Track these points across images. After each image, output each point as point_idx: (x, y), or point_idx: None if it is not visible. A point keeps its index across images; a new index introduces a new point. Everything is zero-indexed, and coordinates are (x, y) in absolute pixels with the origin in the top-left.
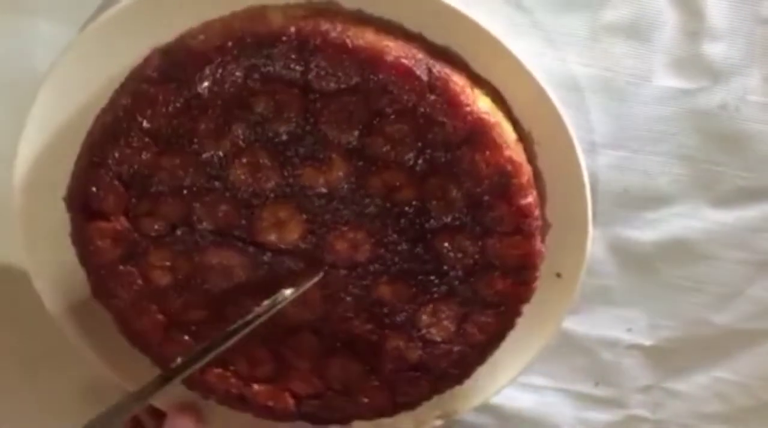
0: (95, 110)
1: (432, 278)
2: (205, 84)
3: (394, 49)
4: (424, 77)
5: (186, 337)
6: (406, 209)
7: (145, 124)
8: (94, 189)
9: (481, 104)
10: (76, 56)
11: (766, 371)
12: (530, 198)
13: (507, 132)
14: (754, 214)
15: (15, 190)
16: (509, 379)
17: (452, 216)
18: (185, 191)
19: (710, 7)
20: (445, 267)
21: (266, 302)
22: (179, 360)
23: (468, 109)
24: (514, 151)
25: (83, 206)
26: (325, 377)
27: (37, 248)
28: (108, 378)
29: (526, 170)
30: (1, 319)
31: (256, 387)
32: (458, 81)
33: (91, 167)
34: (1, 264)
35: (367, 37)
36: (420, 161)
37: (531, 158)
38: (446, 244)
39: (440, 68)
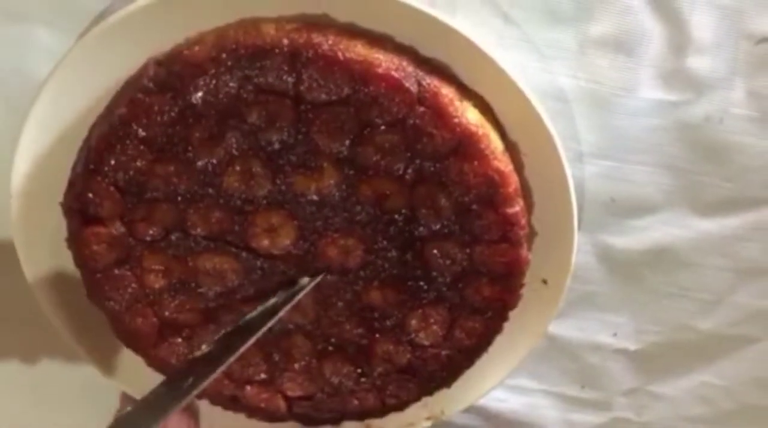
0: (92, 118)
1: (421, 284)
2: (200, 94)
3: (384, 61)
4: (414, 89)
5: (179, 339)
6: (396, 216)
7: (140, 132)
8: (90, 195)
9: (470, 116)
10: (74, 65)
11: (749, 375)
12: (517, 207)
13: (495, 143)
14: (738, 222)
15: (12, 195)
16: (496, 382)
17: (441, 224)
18: (179, 198)
19: (695, 21)
20: (434, 274)
21: (280, 292)
22: (204, 347)
23: (456, 120)
24: (502, 161)
25: (80, 211)
26: (317, 379)
27: (34, 252)
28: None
29: (513, 180)
30: (1, 319)
31: (248, 388)
32: (447, 93)
33: (87, 174)
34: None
35: (358, 50)
36: (409, 171)
37: (518, 167)
38: (435, 251)
39: (430, 81)
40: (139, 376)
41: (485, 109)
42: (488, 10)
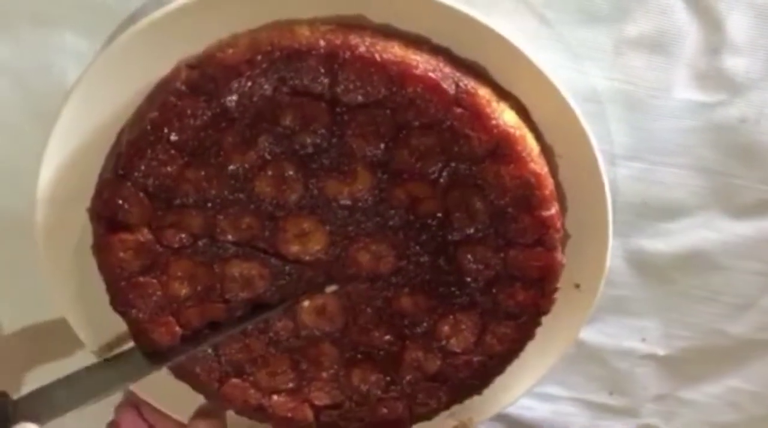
0: (121, 123)
1: (453, 289)
2: (234, 97)
3: (421, 62)
4: (451, 91)
5: None
6: (429, 221)
7: (172, 136)
8: (119, 201)
9: (507, 117)
10: (104, 69)
11: None
12: (553, 210)
13: (531, 145)
14: None
15: (38, 201)
16: (526, 389)
17: (475, 228)
18: (209, 204)
19: (731, 22)
20: (467, 279)
21: None
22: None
23: (494, 122)
24: (538, 163)
25: (107, 217)
26: (345, 387)
27: (57, 259)
28: None
29: (549, 183)
30: (6, 320)
31: (275, 397)
32: (484, 94)
33: (117, 180)
34: (12, 269)
35: (395, 51)
36: (444, 174)
37: (552, 170)
38: (468, 256)
39: (467, 82)
40: (158, 384)
41: (521, 110)
42: (522, 11)
